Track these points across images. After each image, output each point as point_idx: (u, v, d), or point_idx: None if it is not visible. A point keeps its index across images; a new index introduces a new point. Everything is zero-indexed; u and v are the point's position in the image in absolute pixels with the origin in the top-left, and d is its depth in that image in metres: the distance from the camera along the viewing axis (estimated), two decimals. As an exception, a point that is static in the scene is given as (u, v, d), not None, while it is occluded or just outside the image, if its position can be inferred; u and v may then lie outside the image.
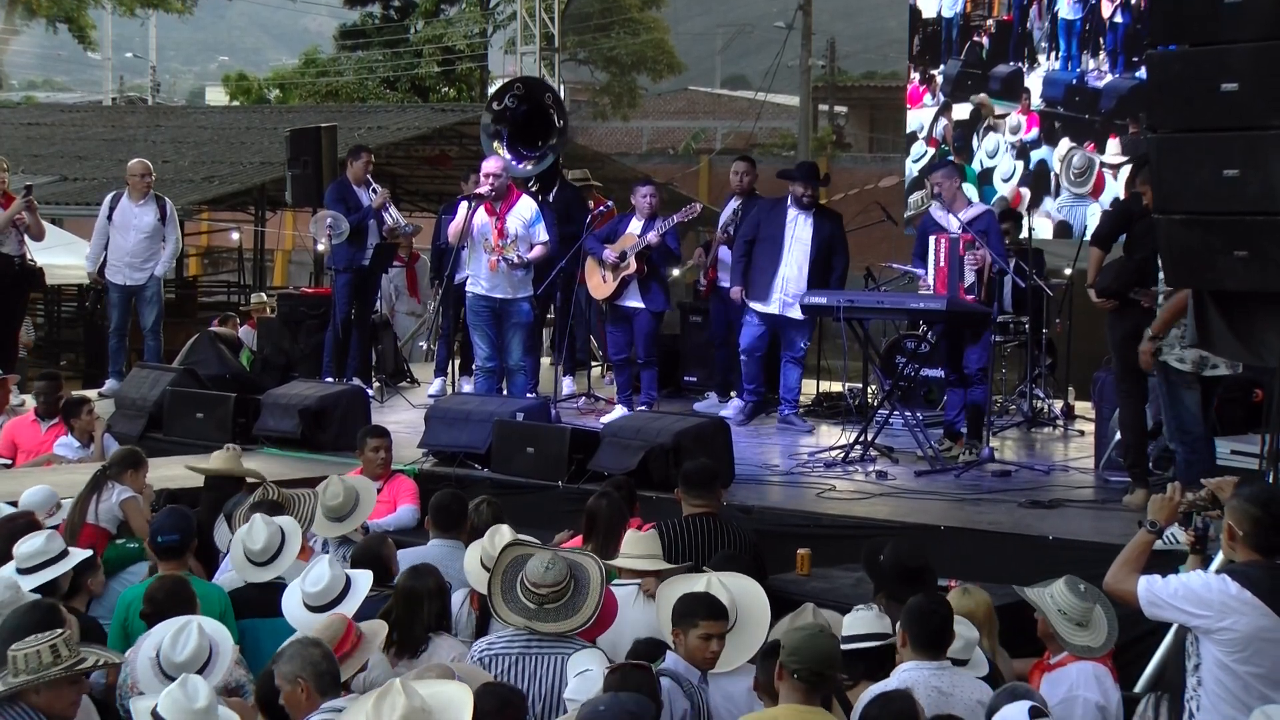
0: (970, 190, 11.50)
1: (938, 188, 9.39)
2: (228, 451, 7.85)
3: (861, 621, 5.25)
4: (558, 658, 5.13)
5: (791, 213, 9.94)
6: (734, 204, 10.71)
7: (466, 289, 10.15)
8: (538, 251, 9.95)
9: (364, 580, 5.70)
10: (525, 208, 10.00)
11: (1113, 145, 11.94)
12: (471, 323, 10.17)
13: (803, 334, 10.21)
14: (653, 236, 10.14)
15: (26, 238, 11.29)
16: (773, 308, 10.02)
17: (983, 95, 12.77)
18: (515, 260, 9.80)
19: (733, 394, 10.71)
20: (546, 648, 5.16)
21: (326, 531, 6.96)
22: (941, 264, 9.08)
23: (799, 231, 9.95)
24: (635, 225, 10.33)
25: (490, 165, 10.10)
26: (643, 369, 10.36)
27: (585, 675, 5.00)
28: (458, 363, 11.69)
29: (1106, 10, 11.89)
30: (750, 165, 10.92)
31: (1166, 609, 4.61)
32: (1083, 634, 5.35)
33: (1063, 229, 12.31)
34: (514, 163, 11.04)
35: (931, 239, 9.02)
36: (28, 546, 5.99)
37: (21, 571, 5.91)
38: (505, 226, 9.85)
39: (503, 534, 6.14)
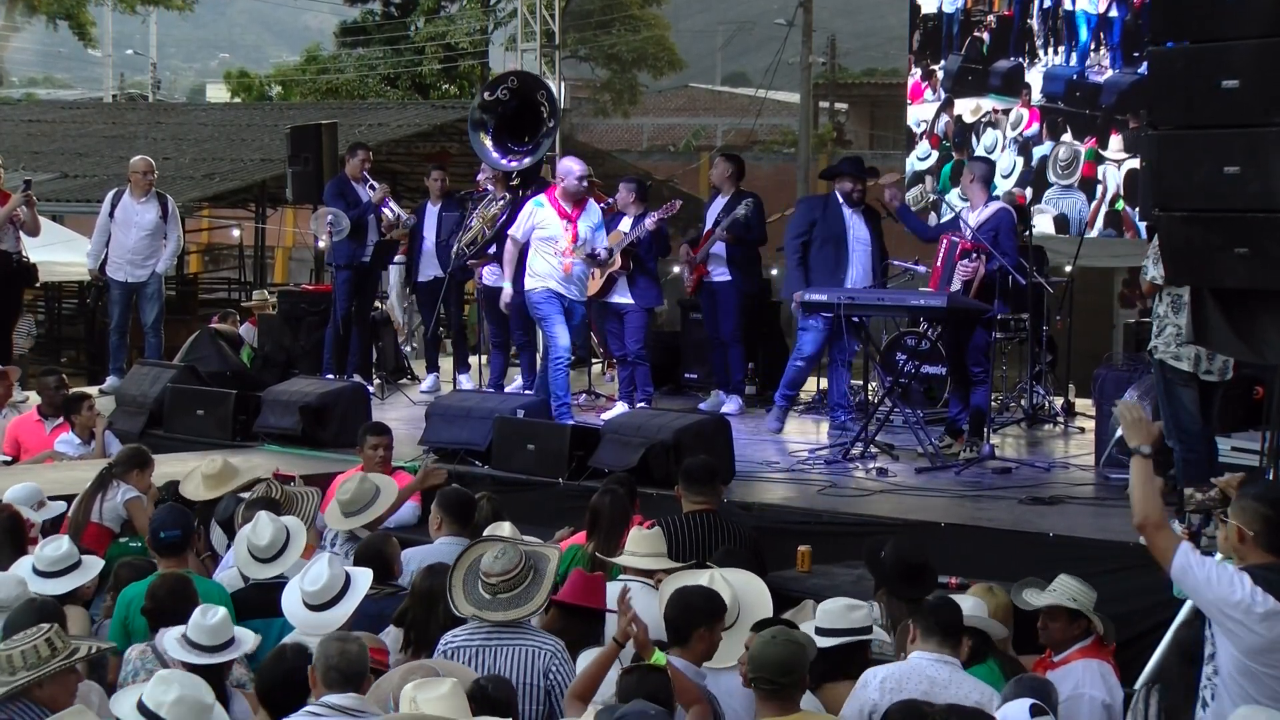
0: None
1: (962, 183, 9.42)
2: (217, 466, 7.65)
3: (831, 615, 5.22)
4: (517, 649, 5.10)
5: (847, 211, 9.70)
6: (720, 200, 10.61)
7: (535, 288, 9.69)
8: (604, 255, 9.86)
9: (364, 579, 5.69)
10: (594, 213, 9.87)
11: (1115, 142, 11.93)
12: (546, 314, 9.57)
13: (855, 336, 10.00)
14: (634, 234, 10.08)
15: (22, 234, 11.29)
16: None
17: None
18: (601, 256, 9.67)
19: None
20: (506, 639, 5.13)
21: (337, 524, 6.95)
22: (938, 264, 9.10)
23: (858, 231, 9.71)
24: (625, 223, 10.32)
25: (578, 166, 9.76)
26: (635, 365, 10.29)
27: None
28: (452, 359, 11.71)
29: (1101, 5, 11.89)
30: (727, 160, 10.80)
31: (1190, 572, 4.49)
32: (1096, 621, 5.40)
33: (1061, 223, 12.31)
34: (500, 158, 10.96)
35: (941, 236, 9.07)
36: (50, 550, 6.00)
37: (41, 574, 5.91)
38: (578, 230, 9.61)
39: (504, 530, 6.13)
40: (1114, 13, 11.83)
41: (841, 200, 9.75)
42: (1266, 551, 4.52)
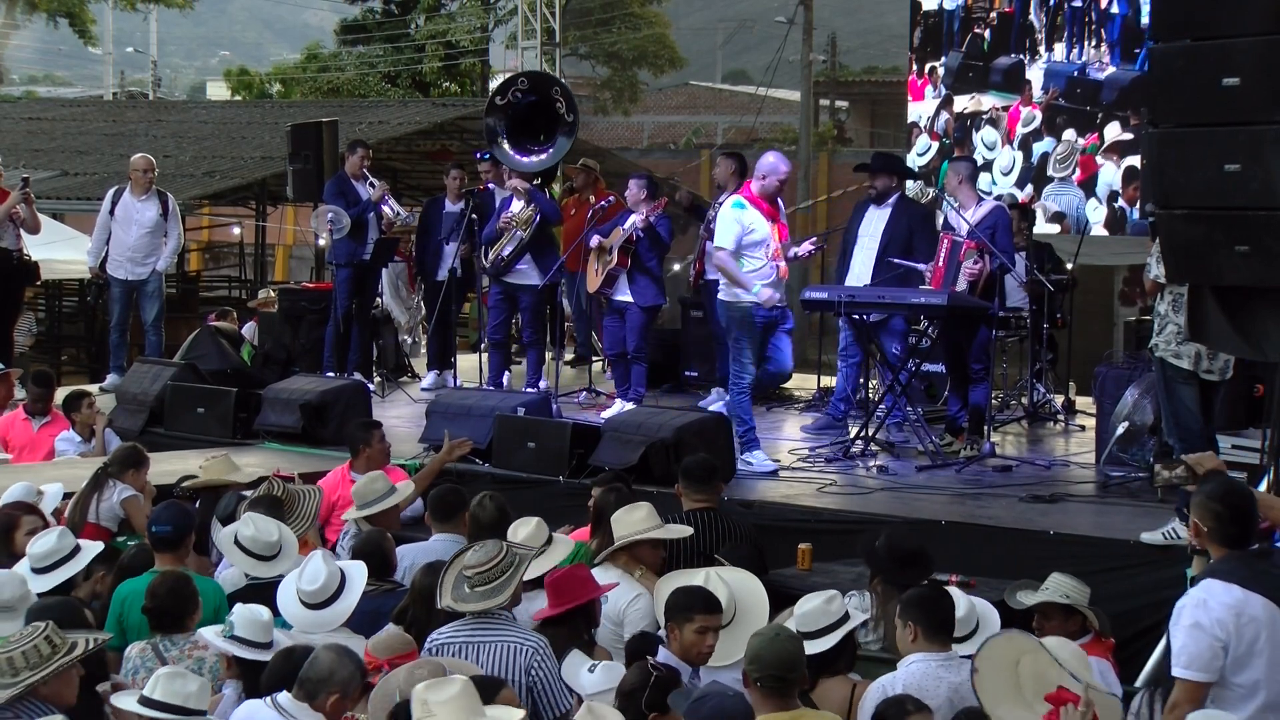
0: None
1: (949, 186, 9.39)
2: (215, 460, 7.71)
3: (812, 616, 5.17)
4: (500, 645, 5.08)
5: (871, 208, 9.48)
6: (722, 198, 10.57)
7: (747, 300, 8.51)
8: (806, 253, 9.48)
9: (360, 575, 5.68)
10: None
11: (1113, 129, 11.90)
12: (752, 336, 8.56)
13: (894, 340, 9.46)
14: (629, 232, 10.03)
15: (22, 232, 11.28)
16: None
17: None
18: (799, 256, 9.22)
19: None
20: (490, 636, 5.12)
21: (349, 514, 6.96)
22: (940, 263, 9.07)
23: (871, 227, 9.43)
24: (631, 220, 10.27)
25: (784, 166, 8.89)
26: (631, 363, 10.23)
27: (604, 666, 4.99)
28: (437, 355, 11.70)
29: (1104, 1, 11.90)
30: (728, 158, 10.80)
31: (1214, 664, 4.57)
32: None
33: (1058, 220, 12.31)
34: (520, 158, 10.94)
35: (942, 235, 9.06)
36: (41, 545, 5.97)
37: (36, 571, 5.89)
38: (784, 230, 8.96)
39: (530, 527, 6.09)
40: (1115, 9, 11.83)
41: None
42: (1221, 545, 4.70)
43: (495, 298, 11.05)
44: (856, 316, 9.19)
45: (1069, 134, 12.15)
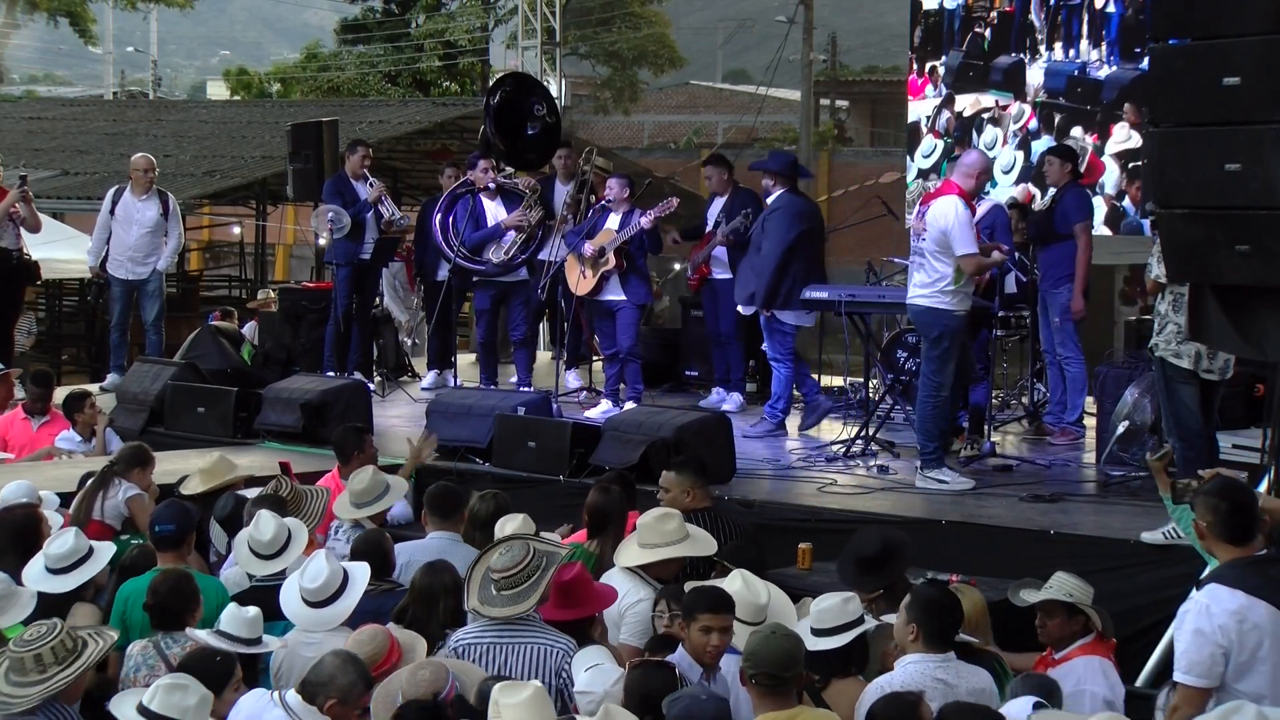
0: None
1: None
2: (211, 463, 7.70)
3: (830, 614, 5.15)
4: (529, 647, 5.07)
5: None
6: (719, 202, 10.58)
7: (958, 309, 7.90)
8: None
9: (361, 574, 5.68)
10: None
11: (1119, 131, 11.87)
12: (959, 344, 8.00)
13: (775, 339, 9.85)
14: (629, 232, 10.05)
15: (23, 231, 11.28)
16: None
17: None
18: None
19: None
20: (518, 637, 5.09)
21: (347, 514, 6.96)
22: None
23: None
24: (613, 220, 10.24)
25: (989, 163, 8.26)
26: (626, 362, 10.26)
27: (598, 669, 4.98)
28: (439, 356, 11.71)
29: (1099, 1, 11.88)
30: (715, 166, 10.76)
31: (1215, 669, 4.56)
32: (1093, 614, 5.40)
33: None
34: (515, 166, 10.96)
35: None
36: (59, 546, 5.97)
37: (53, 572, 5.89)
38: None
39: (516, 523, 6.09)
40: (1111, 8, 11.81)
41: None
42: (1226, 543, 4.71)
43: (485, 300, 11.06)
44: (856, 316, 9.19)
45: (1077, 131, 12.11)
